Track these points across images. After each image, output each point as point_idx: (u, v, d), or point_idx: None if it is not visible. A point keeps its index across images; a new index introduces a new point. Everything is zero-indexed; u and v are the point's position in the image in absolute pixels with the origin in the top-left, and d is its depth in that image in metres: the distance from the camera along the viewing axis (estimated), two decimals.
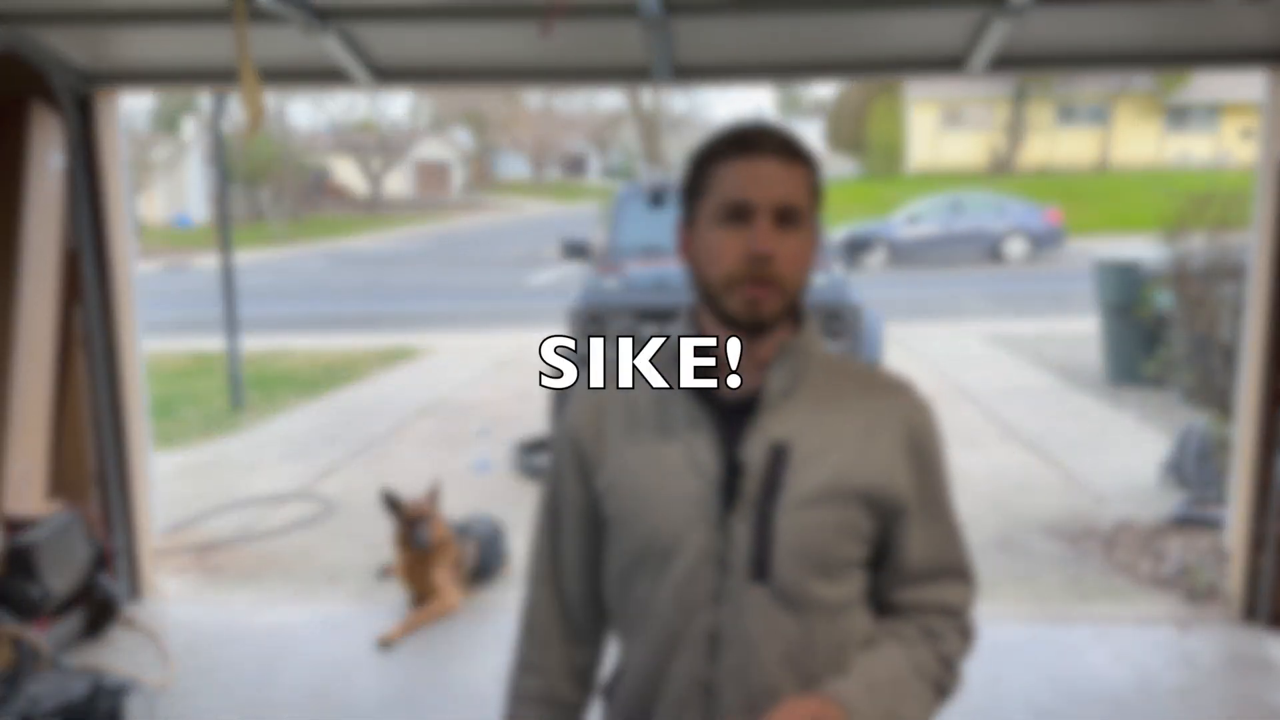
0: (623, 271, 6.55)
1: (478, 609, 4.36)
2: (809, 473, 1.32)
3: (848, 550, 1.35)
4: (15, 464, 3.57)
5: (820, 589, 1.33)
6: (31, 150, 3.79)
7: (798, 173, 1.33)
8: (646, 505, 1.36)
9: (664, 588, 1.35)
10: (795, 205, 1.31)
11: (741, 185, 1.30)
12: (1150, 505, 5.44)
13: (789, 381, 1.35)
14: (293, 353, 11.88)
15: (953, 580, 1.45)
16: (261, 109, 2.60)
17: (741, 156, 1.32)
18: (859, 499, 1.34)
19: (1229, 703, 3.42)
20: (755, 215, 1.30)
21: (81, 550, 3.87)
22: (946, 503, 1.44)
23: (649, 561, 1.37)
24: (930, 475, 1.41)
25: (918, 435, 1.40)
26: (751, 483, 1.32)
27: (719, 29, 3.60)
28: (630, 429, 1.40)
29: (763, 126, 1.35)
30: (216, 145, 8.99)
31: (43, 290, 3.81)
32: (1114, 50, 3.83)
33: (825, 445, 1.34)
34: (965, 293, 15.84)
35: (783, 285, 1.31)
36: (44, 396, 3.78)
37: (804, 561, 1.32)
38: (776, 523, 1.31)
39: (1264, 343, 3.85)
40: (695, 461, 1.34)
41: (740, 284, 1.31)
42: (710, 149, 1.36)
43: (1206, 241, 5.88)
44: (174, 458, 7.11)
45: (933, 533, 1.41)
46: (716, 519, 1.32)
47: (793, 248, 1.31)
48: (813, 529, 1.31)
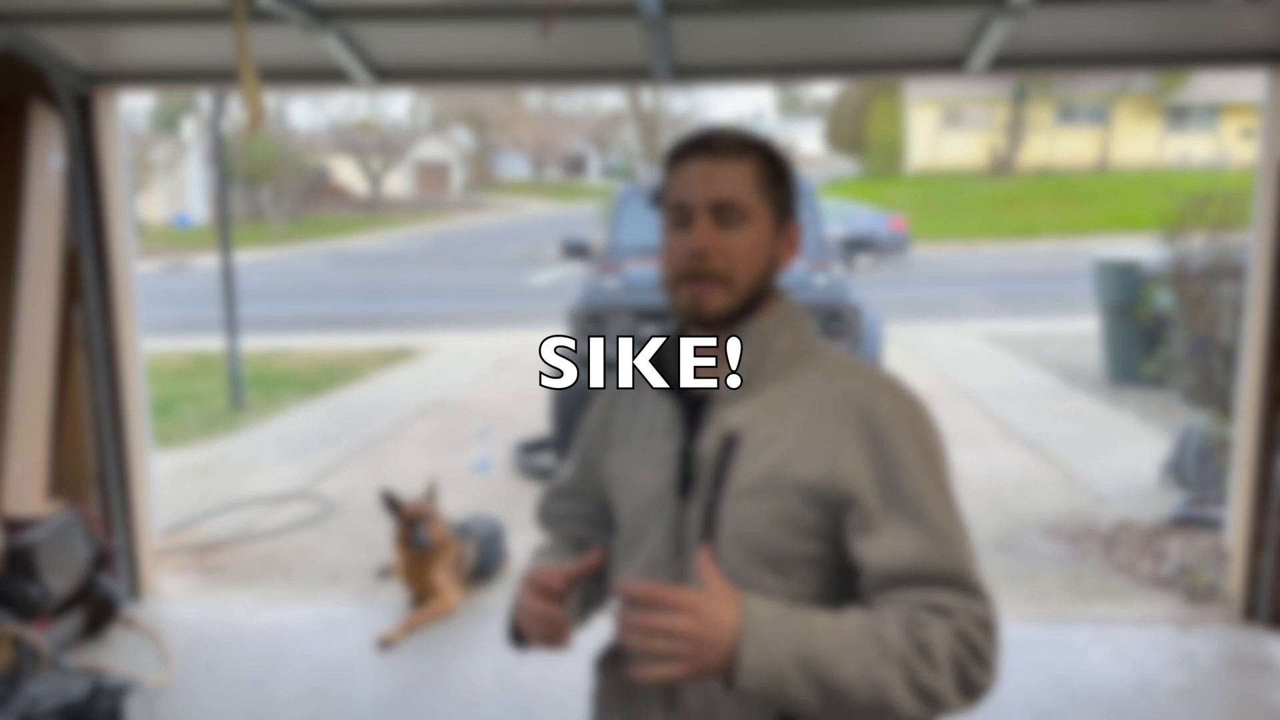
0: (623, 271, 6.55)
1: (478, 609, 4.36)
2: (752, 463, 1.33)
3: (792, 544, 1.31)
4: (15, 464, 3.57)
5: (767, 581, 1.31)
6: (31, 150, 3.79)
7: (740, 168, 1.34)
8: (629, 495, 1.46)
9: (633, 572, 1.44)
10: (733, 201, 1.33)
11: (681, 186, 1.36)
12: (1150, 505, 5.44)
13: (742, 372, 1.37)
14: (293, 353, 11.88)
15: (942, 589, 1.25)
16: (262, 109, 2.60)
17: (683, 160, 1.37)
18: (798, 491, 1.30)
19: (1229, 703, 3.42)
20: (694, 214, 1.34)
21: (81, 550, 3.87)
22: (922, 501, 1.28)
23: (630, 543, 1.46)
24: (893, 468, 1.29)
25: (876, 423, 1.31)
26: (704, 472, 1.35)
27: (719, 29, 3.60)
28: (629, 426, 1.50)
29: (709, 129, 1.38)
30: (216, 145, 8.99)
31: (43, 290, 3.81)
32: (1114, 50, 3.83)
33: (772, 436, 1.34)
34: (966, 292, 15.84)
35: (726, 280, 1.33)
36: (44, 396, 3.78)
37: (747, 552, 1.32)
38: (721, 512, 1.33)
39: (1264, 343, 3.85)
40: (661, 453, 1.41)
41: (684, 282, 1.35)
42: (669, 155, 1.41)
43: (1206, 241, 5.88)
44: (174, 458, 7.11)
45: (903, 532, 1.26)
46: (673, 507, 1.38)
47: (736, 243, 1.34)
48: (752, 520, 1.32)
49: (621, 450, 1.49)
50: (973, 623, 1.24)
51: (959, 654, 1.22)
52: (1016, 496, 5.74)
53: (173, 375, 10.47)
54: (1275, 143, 3.83)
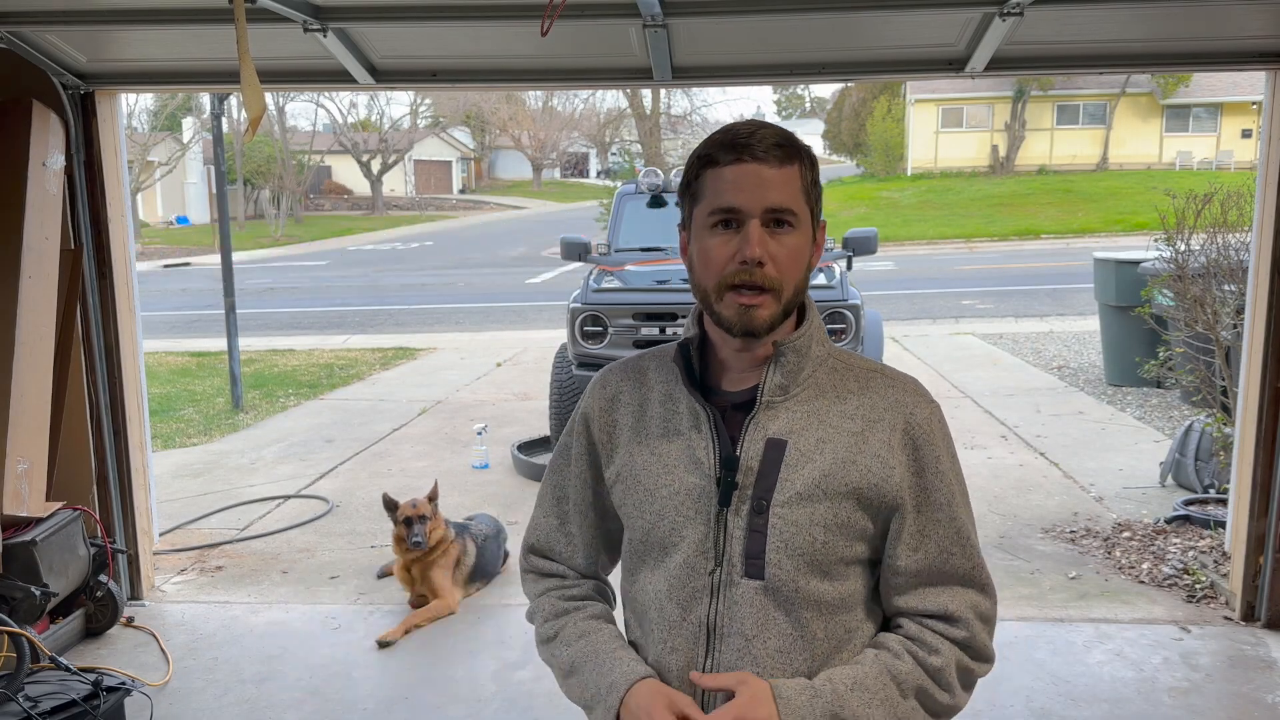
0: (622, 271, 6.55)
1: (478, 609, 4.36)
2: (803, 469, 1.32)
3: (842, 548, 1.34)
4: (15, 464, 3.57)
5: (815, 586, 1.33)
6: (31, 150, 3.79)
7: (790, 173, 1.31)
8: (649, 499, 1.39)
9: (662, 580, 1.38)
10: (786, 207, 1.30)
11: (731, 191, 1.30)
12: (1150, 505, 5.44)
13: (786, 378, 1.36)
14: (293, 353, 11.88)
15: (956, 587, 1.37)
16: (262, 109, 2.59)
17: (732, 161, 1.30)
18: (852, 496, 1.33)
19: (1229, 703, 3.42)
20: (746, 221, 1.29)
21: (82, 550, 3.87)
22: (952, 506, 1.37)
23: (650, 554, 1.40)
24: (930, 474, 1.36)
25: (917, 432, 1.36)
26: (747, 479, 1.33)
27: (719, 29, 3.59)
28: (639, 426, 1.44)
29: (754, 126, 1.33)
30: (216, 145, 8.98)
31: (43, 290, 3.80)
32: (1114, 50, 3.83)
33: (820, 442, 1.34)
34: (966, 292, 15.84)
35: (776, 290, 1.31)
36: (44, 396, 3.78)
37: (797, 558, 1.32)
38: (770, 519, 1.32)
39: (1264, 343, 3.85)
40: (695, 458, 1.36)
41: (732, 291, 1.31)
42: (702, 153, 1.35)
43: (1206, 241, 5.88)
44: (174, 458, 7.11)
45: (933, 534, 1.36)
46: (713, 514, 1.34)
47: (786, 251, 1.31)
48: (805, 526, 1.31)
49: (630, 454, 1.43)
50: (978, 619, 1.37)
51: (964, 663, 1.36)
52: (1016, 496, 5.74)
53: (173, 375, 10.47)
54: (1275, 143, 3.82)
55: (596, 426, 1.48)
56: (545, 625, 1.53)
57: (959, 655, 1.35)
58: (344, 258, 26.38)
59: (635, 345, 5.94)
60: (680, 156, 38.43)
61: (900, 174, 37.57)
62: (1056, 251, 21.70)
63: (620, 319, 5.96)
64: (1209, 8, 3.46)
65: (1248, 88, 33.00)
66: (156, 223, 37.37)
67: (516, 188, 51.76)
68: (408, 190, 47.25)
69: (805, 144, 1.37)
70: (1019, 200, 29.49)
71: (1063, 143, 36.45)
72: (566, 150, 55.31)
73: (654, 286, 6.23)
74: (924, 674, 1.33)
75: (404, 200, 45.09)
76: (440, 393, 9.22)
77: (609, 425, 1.47)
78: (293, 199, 35.90)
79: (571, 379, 6.11)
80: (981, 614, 1.38)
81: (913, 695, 1.32)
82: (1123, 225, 23.54)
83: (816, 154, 1.38)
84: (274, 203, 35.24)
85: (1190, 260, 5.92)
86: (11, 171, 3.77)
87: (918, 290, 16.18)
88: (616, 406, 1.47)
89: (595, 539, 1.55)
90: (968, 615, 1.37)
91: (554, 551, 1.57)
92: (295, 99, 41.18)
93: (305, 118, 72.22)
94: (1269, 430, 3.86)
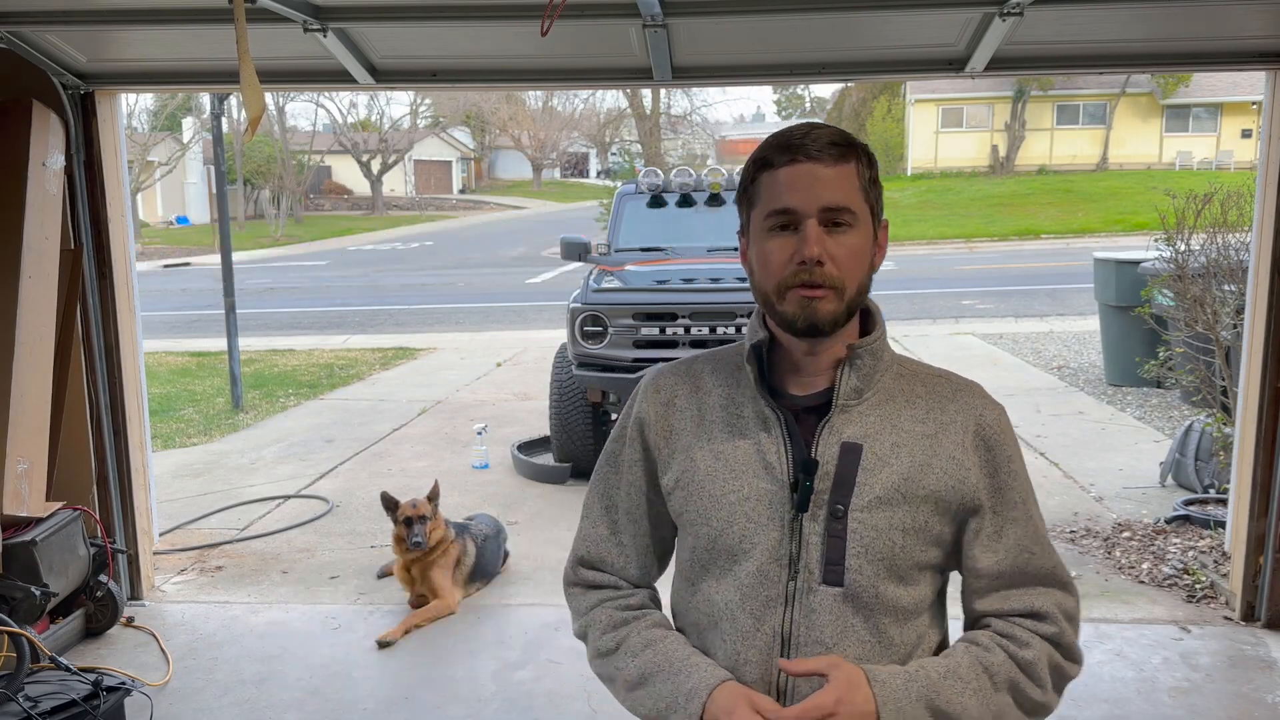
0: (622, 271, 6.55)
1: (478, 609, 4.36)
2: (880, 474, 1.31)
3: (919, 553, 1.33)
4: (15, 464, 3.57)
5: (893, 591, 1.32)
6: (31, 150, 3.79)
7: (845, 171, 1.30)
8: (715, 505, 1.35)
9: (732, 589, 1.35)
10: (843, 205, 1.29)
11: (787, 192, 1.29)
12: (1150, 505, 5.44)
13: (861, 383, 1.35)
14: (293, 353, 11.88)
15: (1041, 586, 1.37)
16: (262, 109, 2.59)
17: (786, 162, 1.30)
18: (930, 500, 1.32)
19: (1229, 703, 3.42)
20: (802, 221, 1.29)
21: (82, 550, 3.87)
22: (1027, 505, 1.38)
23: (717, 562, 1.36)
24: (1004, 475, 1.36)
25: (988, 433, 1.36)
26: (823, 483, 1.31)
27: (719, 29, 3.59)
28: (700, 429, 1.40)
29: (809, 127, 1.32)
30: (216, 145, 8.98)
31: (43, 290, 3.80)
32: (1114, 50, 3.83)
33: (895, 446, 1.33)
34: (966, 292, 15.84)
35: (838, 288, 1.30)
36: (44, 396, 3.78)
37: (877, 563, 1.30)
38: (849, 524, 1.30)
39: (1264, 343, 3.85)
40: (766, 462, 1.33)
41: (791, 290, 1.30)
42: (757, 156, 1.34)
43: (1206, 241, 5.88)
44: (174, 458, 7.11)
45: (1010, 534, 1.36)
46: (787, 520, 1.32)
47: (845, 250, 1.30)
48: (885, 530, 1.30)
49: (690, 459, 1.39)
50: (1065, 619, 1.37)
51: (1055, 660, 1.36)
52: None
53: (173, 375, 10.47)
54: (1275, 143, 3.82)
55: (652, 432, 1.44)
56: (604, 637, 1.47)
57: (1050, 651, 1.35)
58: (344, 258, 26.38)
59: (635, 345, 5.94)
60: (680, 156, 38.43)
61: (900, 174, 37.57)
62: (1056, 251, 21.71)
63: (620, 319, 5.96)
64: (1209, 8, 3.46)
65: (1248, 88, 33.00)
66: (156, 223, 37.37)
67: (516, 188, 51.76)
68: (408, 190, 47.24)
69: (863, 142, 1.35)
70: (1019, 200, 29.49)
71: (1063, 143, 36.45)
72: (566, 150, 55.30)
73: (654, 286, 6.23)
74: (1016, 667, 1.32)
75: (404, 200, 45.08)
76: (440, 393, 9.22)
77: (666, 430, 1.43)
78: (293, 199, 35.89)
79: (571, 379, 6.11)
80: (1067, 612, 1.37)
81: (1005, 689, 1.31)
82: (1123, 225, 23.54)
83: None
84: (274, 203, 35.23)
85: (1190, 260, 5.92)
86: (11, 171, 3.77)
87: (918, 290, 16.18)
88: (673, 411, 1.43)
89: (648, 548, 1.50)
90: (1055, 612, 1.36)
91: (605, 563, 1.51)
92: (295, 99, 41.20)
93: (305, 118, 72.28)
94: (1269, 430, 3.86)
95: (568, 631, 4.34)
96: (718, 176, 7.28)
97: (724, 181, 7.20)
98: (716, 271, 6.30)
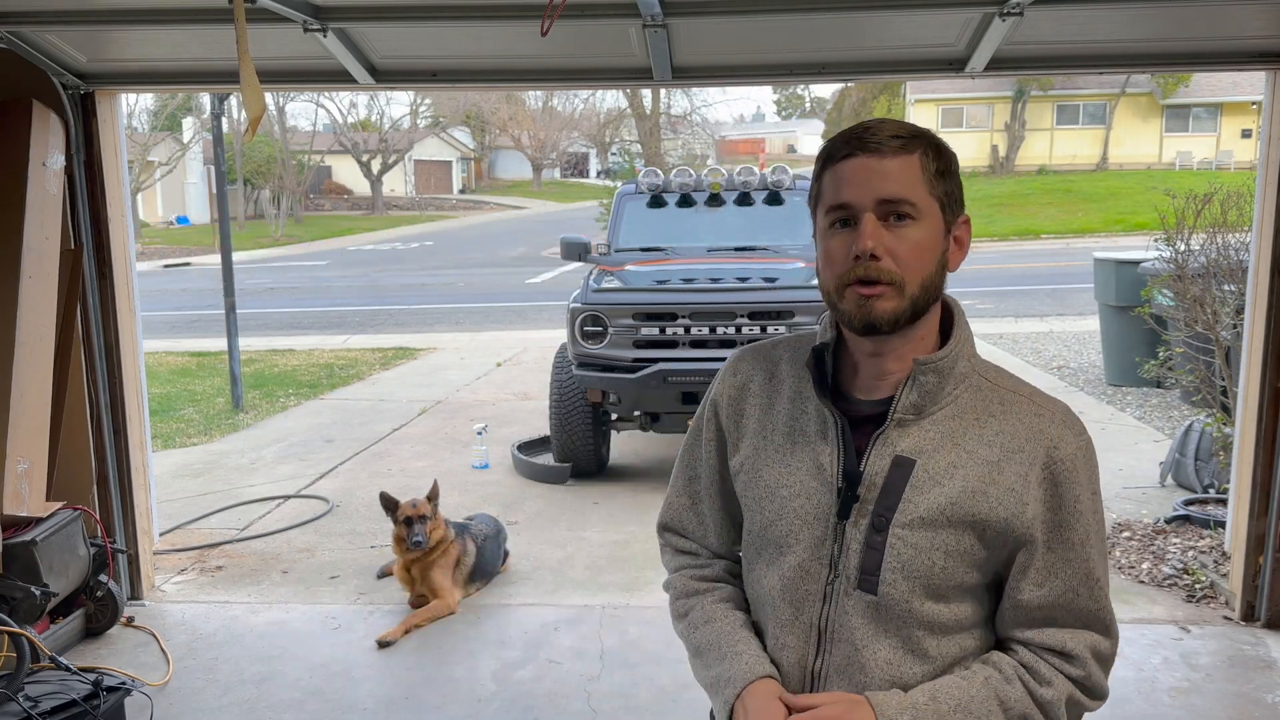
0: (622, 272, 6.55)
1: (478, 609, 4.36)
2: (930, 492, 1.29)
3: (959, 575, 1.30)
4: (15, 464, 3.57)
5: (929, 608, 1.31)
6: (32, 150, 3.79)
7: (907, 162, 1.25)
8: (770, 496, 1.38)
9: (776, 578, 1.38)
10: (902, 198, 1.25)
11: (845, 186, 1.26)
12: (1150, 505, 5.44)
13: (923, 398, 1.31)
14: (293, 353, 11.88)
15: (1077, 627, 1.34)
16: (262, 109, 2.59)
17: (844, 156, 1.27)
18: (977, 527, 1.28)
19: (1229, 703, 3.42)
20: (860, 215, 1.25)
21: (82, 550, 3.87)
22: (1086, 546, 1.31)
23: (766, 549, 1.40)
24: (1065, 512, 1.30)
25: (1058, 468, 1.29)
26: (869, 494, 1.30)
27: (719, 29, 3.59)
28: (765, 419, 1.42)
29: (875, 121, 1.29)
30: (216, 145, 8.99)
31: (43, 290, 3.80)
32: (1114, 50, 3.83)
33: (952, 466, 1.29)
34: (966, 292, 15.84)
35: (897, 284, 1.26)
36: (44, 396, 3.78)
37: (913, 580, 1.29)
38: (889, 538, 1.29)
39: (1264, 343, 3.85)
40: (819, 465, 1.34)
41: (849, 286, 1.27)
42: (824, 153, 1.32)
43: (1206, 241, 5.88)
44: (174, 458, 7.11)
45: (1061, 573, 1.31)
46: (831, 523, 1.33)
47: (906, 244, 1.25)
48: (924, 550, 1.28)
49: (758, 446, 1.41)
50: (1095, 660, 1.34)
51: (1076, 698, 1.33)
52: None
53: (173, 375, 10.47)
54: (1275, 143, 3.83)
55: (724, 414, 1.47)
56: (677, 602, 1.54)
57: (1071, 691, 1.33)
58: (344, 258, 26.38)
59: (635, 345, 5.94)
60: (680, 156, 38.41)
61: None
62: (1056, 251, 21.71)
63: (620, 319, 5.96)
64: (1209, 8, 3.46)
65: (1248, 88, 33.01)
66: (156, 223, 37.37)
67: (516, 188, 51.76)
68: (408, 190, 47.24)
69: (934, 135, 1.30)
70: (1019, 200, 29.49)
71: (1062, 143, 36.45)
72: (566, 150, 55.31)
73: (654, 286, 6.23)
74: (1033, 703, 1.30)
75: (404, 200, 45.08)
76: (440, 393, 9.22)
77: (737, 414, 1.45)
78: (293, 199, 35.89)
79: (571, 379, 6.11)
80: (1099, 654, 1.35)
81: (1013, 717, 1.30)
82: (1123, 225, 23.54)
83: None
84: (274, 203, 35.23)
85: (1190, 260, 5.92)
86: (11, 171, 3.77)
87: None
88: (746, 395, 1.45)
89: (725, 521, 1.53)
90: (1085, 655, 1.34)
91: (687, 531, 1.56)
92: (295, 99, 41.19)
93: (305, 118, 72.25)
94: (1269, 430, 3.86)
95: (568, 631, 4.36)
96: (718, 176, 7.28)
97: (724, 181, 7.20)
98: (716, 271, 6.30)
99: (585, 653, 3.89)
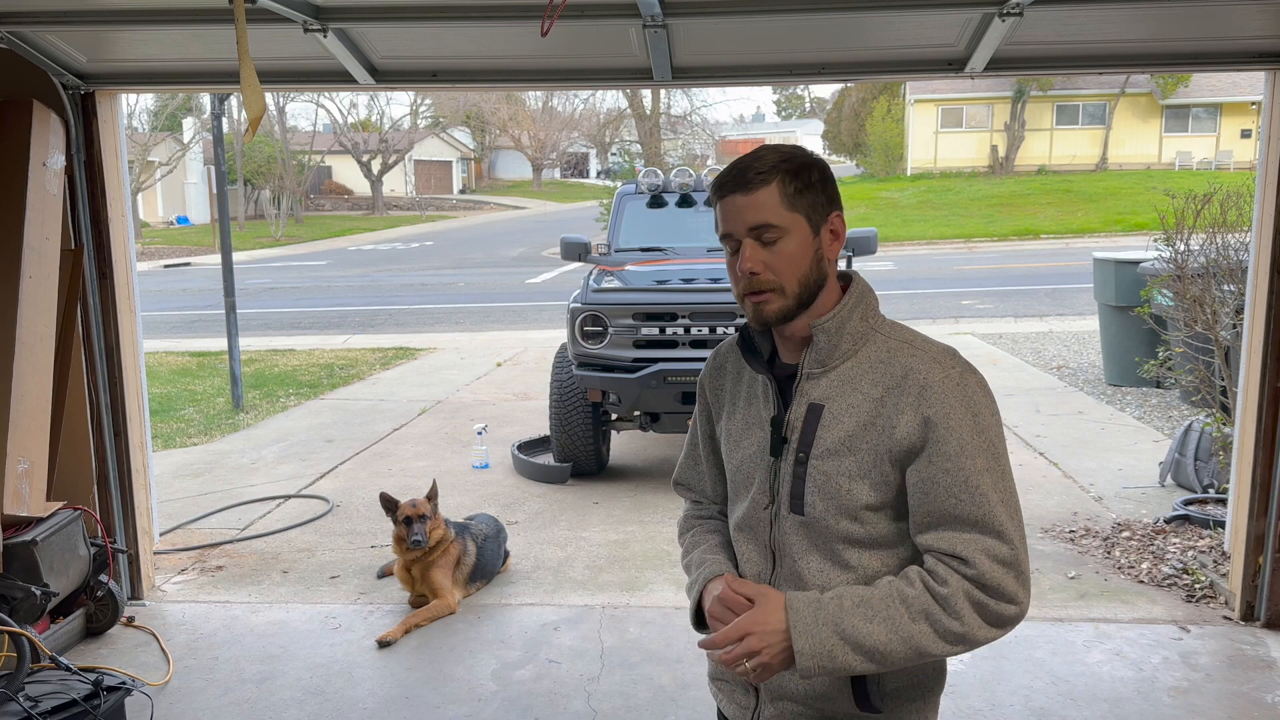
0: (622, 271, 6.55)
1: (477, 609, 4.36)
2: (834, 429, 1.59)
3: (863, 495, 1.56)
4: (16, 464, 3.57)
5: (845, 525, 1.58)
6: (31, 150, 3.79)
7: (766, 193, 1.55)
8: (735, 449, 1.74)
9: (741, 510, 1.73)
10: (766, 223, 1.55)
11: (723, 221, 1.60)
12: (1150, 505, 5.44)
13: (821, 355, 1.62)
14: (293, 353, 11.88)
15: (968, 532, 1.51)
16: (262, 109, 2.59)
17: (718, 200, 1.60)
18: (872, 451, 1.55)
19: (1228, 702, 3.42)
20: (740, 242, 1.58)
21: (82, 550, 3.87)
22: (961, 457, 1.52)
23: (738, 491, 1.75)
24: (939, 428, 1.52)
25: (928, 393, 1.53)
26: (792, 436, 1.63)
27: (719, 29, 3.60)
28: (734, 391, 1.78)
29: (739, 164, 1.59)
30: (217, 145, 8.99)
31: (43, 290, 3.81)
32: (1114, 50, 3.83)
33: (850, 406, 1.58)
34: (966, 292, 15.84)
35: (778, 289, 1.58)
36: (44, 396, 3.78)
37: (827, 500, 1.58)
38: (808, 468, 1.60)
39: (1264, 343, 3.85)
40: (761, 419, 1.69)
41: (745, 297, 1.61)
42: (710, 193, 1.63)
43: (1206, 241, 5.88)
44: (174, 458, 7.11)
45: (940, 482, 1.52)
46: (769, 461, 1.66)
47: (779, 256, 1.57)
48: (833, 475, 1.57)
49: (729, 412, 1.77)
50: (989, 560, 1.50)
51: (977, 597, 1.50)
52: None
53: (173, 375, 10.47)
54: (1275, 143, 3.83)
55: (708, 392, 1.84)
56: (680, 537, 1.92)
57: (968, 588, 1.50)
58: (344, 258, 26.38)
59: (635, 345, 5.94)
60: (680, 157, 38.44)
61: (900, 174, 37.57)
62: (1056, 251, 21.71)
63: (620, 319, 5.96)
64: (1209, 8, 3.46)
65: (1247, 88, 33.01)
66: (157, 223, 37.38)
67: (516, 188, 51.76)
68: (408, 190, 47.25)
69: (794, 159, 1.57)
70: (1019, 200, 29.49)
71: (1062, 143, 36.44)
72: (566, 150, 55.29)
73: (654, 286, 6.23)
74: (931, 600, 1.50)
75: (404, 200, 45.08)
76: (440, 393, 9.22)
77: (717, 390, 1.82)
78: (293, 199, 35.90)
79: (572, 379, 6.11)
80: (996, 557, 1.50)
81: (922, 619, 1.50)
82: (1122, 225, 23.54)
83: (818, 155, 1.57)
84: (274, 203, 35.23)
85: (1190, 260, 5.92)
86: (12, 171, 3.77)
87: (917, 290, 16.19)
88: (722, 374, 1.81)
89: (717, 474, 1.88)
90: (977, 557, 1.50)
91: (690, 484, 1.93)
92: (295, 99, 41.18)
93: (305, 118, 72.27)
94: (1269, 430, 3.86)
95: (568, 631, 4.37)
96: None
97: None
98: (716, 271, 6.30)
99: (585, 653, 3.89)
